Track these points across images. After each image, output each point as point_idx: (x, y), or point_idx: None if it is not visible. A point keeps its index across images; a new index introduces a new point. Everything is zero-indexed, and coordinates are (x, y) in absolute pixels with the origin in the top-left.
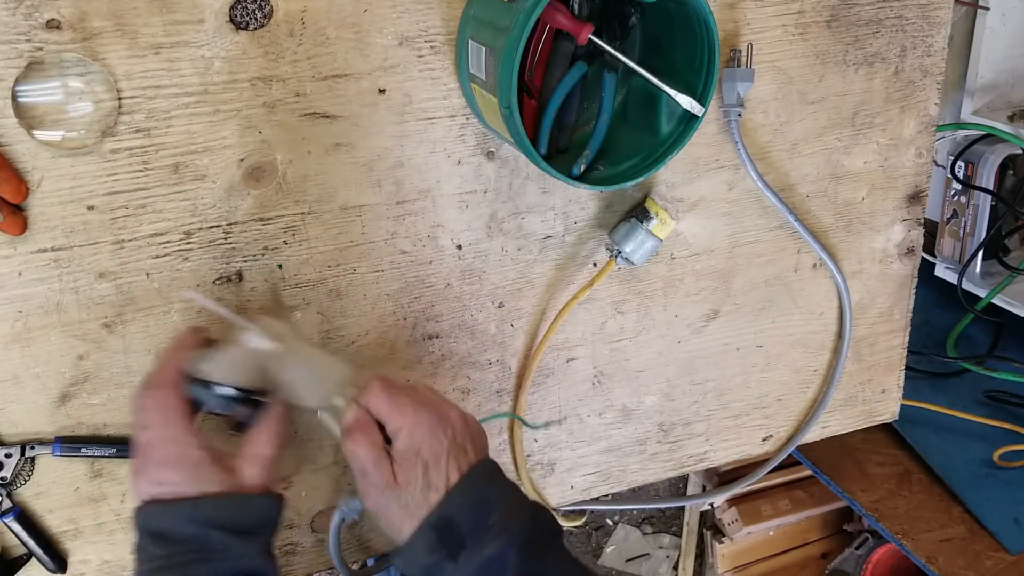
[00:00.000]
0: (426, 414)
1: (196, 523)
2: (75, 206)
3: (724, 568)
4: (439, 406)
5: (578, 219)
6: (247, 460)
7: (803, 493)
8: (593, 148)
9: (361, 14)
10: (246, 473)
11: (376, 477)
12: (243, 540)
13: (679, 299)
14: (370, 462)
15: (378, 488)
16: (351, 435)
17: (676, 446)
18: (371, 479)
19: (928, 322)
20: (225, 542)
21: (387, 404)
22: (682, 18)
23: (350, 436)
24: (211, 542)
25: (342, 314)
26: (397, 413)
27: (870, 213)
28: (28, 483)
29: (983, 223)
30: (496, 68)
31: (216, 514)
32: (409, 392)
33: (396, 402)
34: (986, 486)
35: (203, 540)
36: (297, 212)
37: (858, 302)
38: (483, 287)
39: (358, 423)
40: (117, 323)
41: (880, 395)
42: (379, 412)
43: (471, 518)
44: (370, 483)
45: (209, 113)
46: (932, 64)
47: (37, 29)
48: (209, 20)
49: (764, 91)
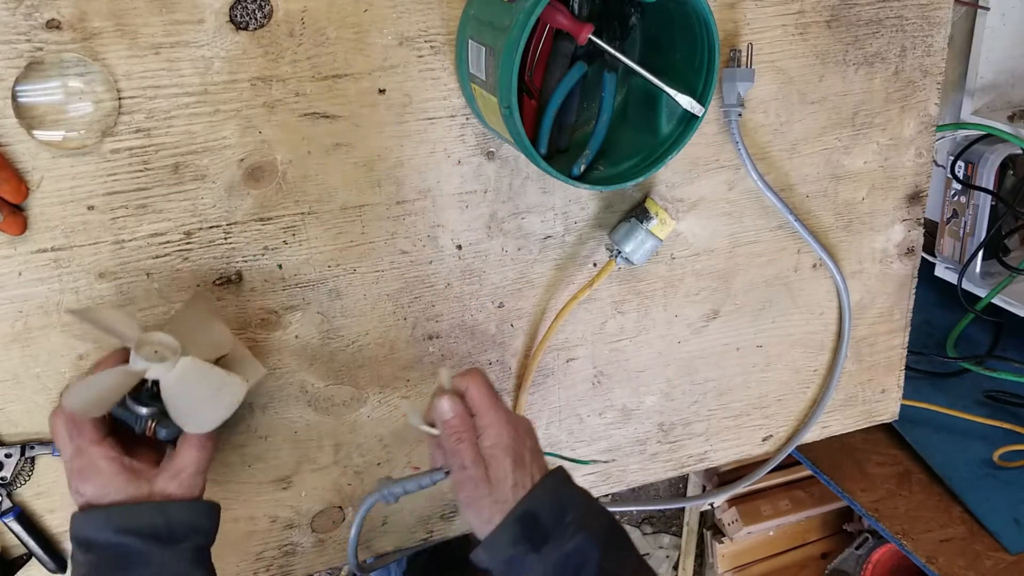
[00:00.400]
0: (513, 416)
1: (111, 529)
2: (75, 206)
3: (724, 568)
4: (516, 414)
5: (578, 219)
6: (165, 470)
7: (803, 493)
8: (593, 148)
9: (361, 14)
10: (166, 483)
11: (474, 471)
12: (164, 546)
13: (679, 299)
14: (471, 458)
15: (474, 481)
16: (454, 429)
17: (676, 446)
18: (469, 472)
19: (928, 322)
20: (143, 549)
21: (488, 401)
22: (682, 18)
23: (453, 430)
24: (128, 548)
25: (342, 314)
26: (493, 410)
27: (870, 213)
28: (28, 483)
29: (983, 223)
30: (496, 68)
31: (129, 520)
32: (501, 403)
33: (494, 401)
34: (986, 486)
35: (120, 547)
36: (297, 212)
37: (858, 302)
38: (483, 287)
39: (462, 419)
40: None
41: (880, 395)
42: (477, 404)
43: (553, 514)
44: (468, 476)
45: (209, 113)
46: (932, 64)
47: (37, 29)
48: (209, 20)
49: (764, 91)
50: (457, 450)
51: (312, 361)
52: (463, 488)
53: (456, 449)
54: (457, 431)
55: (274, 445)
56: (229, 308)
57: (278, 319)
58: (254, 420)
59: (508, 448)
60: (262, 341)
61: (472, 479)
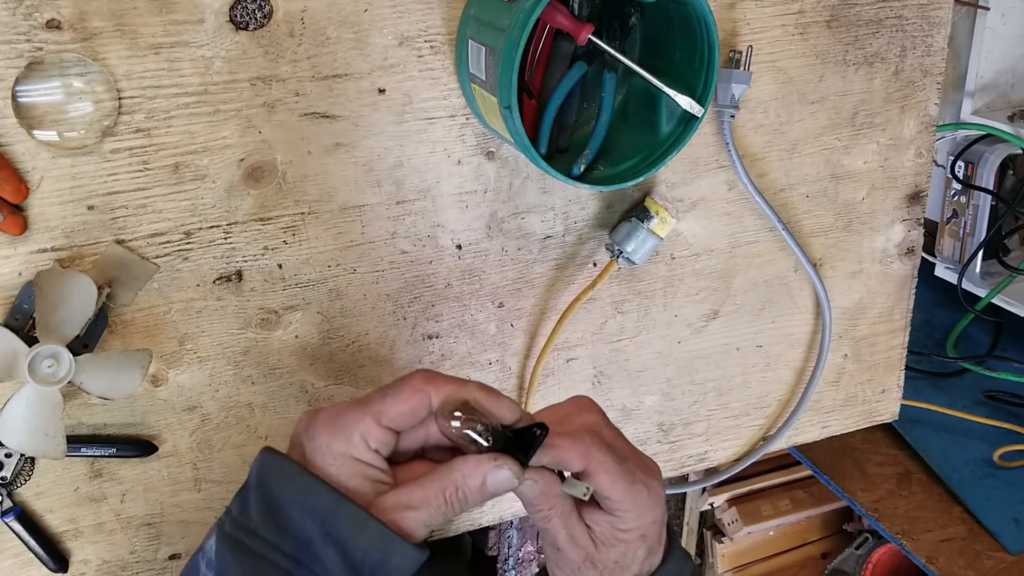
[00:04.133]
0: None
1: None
2: (75, 206)
3: (724, 568)
4: (647, 463)
5: (578, 219)
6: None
7: (803, 493)
8: (593, 148)
9: (361, 14)
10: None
11: (573, 553)
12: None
13: (679, 299)
14: (564, 539)
15: (574, 564)
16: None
17: (676, 446)
18: (566, 555)
19: (928, 322)
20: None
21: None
22: (682, 18)
23: (539, 511)
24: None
25: (342, 314)
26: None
27: (870, 213)
28: (28, 483)
29: (983, 223)
30: (496, 68)
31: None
32: (629, 453)
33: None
34: (986, 486)
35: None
36: (297, 212)
37: (858, 302)
38: (483, 287)
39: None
40: (117, 323)
41: (880, 395)
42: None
43: None
44: (564, 558)
45: (209, 113)
46: (932, 64)
47: (37, 29)
48: (209, 20)
49: (764, 91)
50: (546, 529)
51: (312, 361)
52: (557, 568)
53: (545, 528)
54: (538, 508)
55: (274, 445)
56: (229, 308)
57: (278, 319)
58: (254, 420)
59: (645, 534)
60: (262, 341)
61: (570, 561)
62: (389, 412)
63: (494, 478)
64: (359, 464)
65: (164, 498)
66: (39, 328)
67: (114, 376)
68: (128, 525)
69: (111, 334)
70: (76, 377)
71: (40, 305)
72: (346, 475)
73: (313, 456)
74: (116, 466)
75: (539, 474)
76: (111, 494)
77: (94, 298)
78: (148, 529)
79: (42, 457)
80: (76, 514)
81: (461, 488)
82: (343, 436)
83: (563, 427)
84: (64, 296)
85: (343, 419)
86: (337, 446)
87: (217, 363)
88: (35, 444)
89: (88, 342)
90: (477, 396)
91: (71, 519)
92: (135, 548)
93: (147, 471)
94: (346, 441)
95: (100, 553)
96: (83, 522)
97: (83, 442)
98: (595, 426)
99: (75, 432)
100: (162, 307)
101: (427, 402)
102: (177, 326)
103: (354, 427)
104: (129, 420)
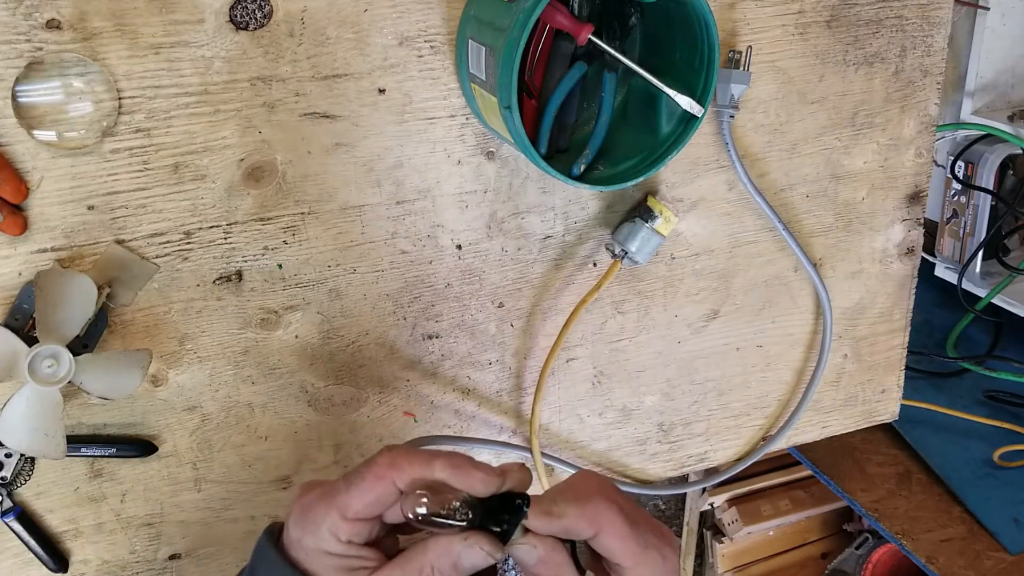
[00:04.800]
0: (669, 552)
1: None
2: (75, 206)
3: (724, 568)
4: (660, 528)
5: (578, 219)
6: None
7: (803, 493)
8: (593, 148)
9: (361, 14)
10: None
11: None
12: None
13: (679, 299)
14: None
15: None
16: None
17: (676, 446)
18: None
19: (928, 322)
20: None
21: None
22: (682, 18)
23: None
24: None
25: (342, 314)
26: (644, 558)
27: (870, 213)
28: (28, 483)
29: (983, 223)
30: (496, 68)
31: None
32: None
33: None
34: (986, 486)
35: None
36: (297, 212)
37: (858, 302)
38: (483, 287)
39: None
40: (117, 323)
41: (880, 395)
42: (618, 555)
43: None
44: None
45: (209, 113)
46: (932, 64)
47: (37, 29)
48: (209, 20)
49: (764, 91)
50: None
51: (312, 361)
52: None
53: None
54: None
55: (274, 445)
56: (229, 308)
57: (278, 319)
58: (254, 420)
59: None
60: (262, 341)
61: None
62: (354, 505)
63: (468, 558)
64: (332, 558)
65: (164, 498)
66: (39, 328)
67: (114, 376)
68: (128, 525)
69: (111, 334)
70: (76, 377)
71: (40, 305)
72: (322, 568)
73: (291, 550)
74: (116, 466)
75: (540, 541)
76: (111, 494)
77: (94, 298)
78: (148, 529)
79: (42, 457)
80: (76, 514)
81: (436, 568)
82: (312, 533)
83: (571, 493)
84: (64, 296)
85: (311, 514)
86: (308, 542)
87: (217, 363)
88: (35, 444)
89: (88, 342)
90: (446, 476)
91: (71, 519)
92: (135, 548)
93: (147, 471)
94: (315, 537)
95: (100, 553)
96: (83, 522)
97: (83, 442)
98: (604, 491)
99: (75, 432)
100: (162, 307)
101: (392, 489)
102: (177, 326)
103: (321, 522)
104: (129, 420)
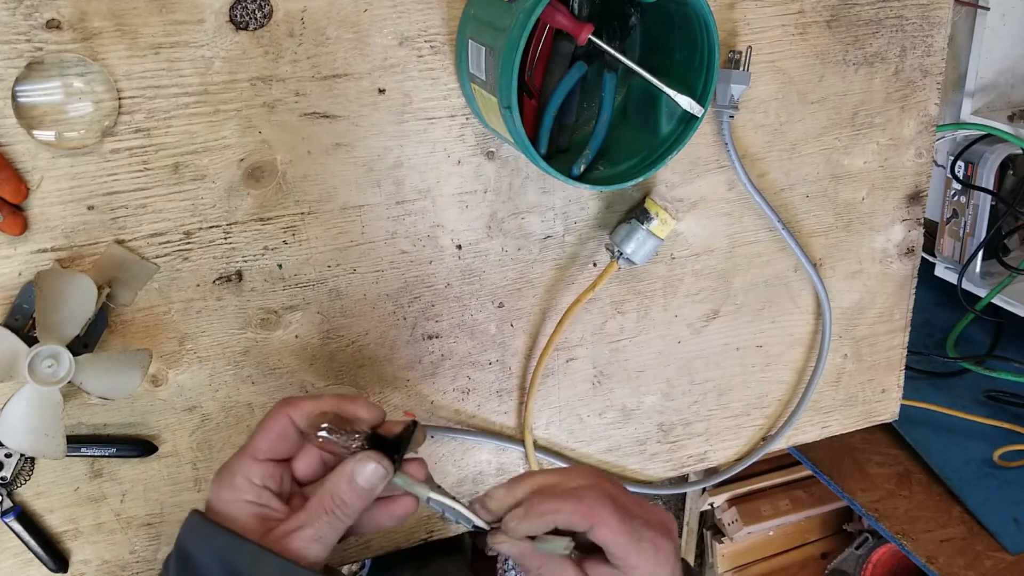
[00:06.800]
0: (664, 542)
1: (214, 556)
2: (75, 206)
3: (724, 568)
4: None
5: (578, 219)
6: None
7: (803, 493)
8: (593, 148)
9: (361, 14)
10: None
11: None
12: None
13: (679, 299)
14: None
15: None
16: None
17: (676, 446)
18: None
19: (928, 322)
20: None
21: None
22: (682, 18)
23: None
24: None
25: (342, 314)
26: (637, 550)
27: (870, 213)
28: (28, 483)
29: (983, 223)
30: (496, 68)
31: (231, 553)
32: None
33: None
34: (986, 486)
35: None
36: (297, 212)
37: (858, 302)
38: (483, 287)
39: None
40: (117, 323)
41: (880, 395)
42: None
43: None
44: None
45: (209, 113)
46: (932, 64)
47: (37, 29)
48: (209, 20)
49: (764, 91)
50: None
51: (312, 361)
52: None
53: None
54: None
55: None
56: (229, 308)
57: (278, 319)
58: (254, 420)
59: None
60: (262, 341)
61: None
62: (261, 445)
63: (361, 473)
64: (248, 504)
65: (164, 498)
66: (39, 328)
67: (114, 376)
68: (128, 525)
69: (111, 334)
70: (76, 377)
71: (40, 305)
72: (242, 517)
73: (214, 507)
74: (116, 466)
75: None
76: (111, 494)
77: (94, 298)
78: (148, 529)
79: (42, 457)
80: (76, 514)
81: (334, 494)
82: (228, 483)
83: (565, 486)
84: (64, 296)
85: (229, 468)
86: (225, 494)
87: (217, 363)
88: (35, 444)
89: (88, 342)
90: (332, 405)
91: (71, 519)
92: (135, 548)
93: (147, 471)
94: (231, 487)
95: (100, 553)
96: (83, 522)
97: (83, 442)
98: (598, 484)
99: (75, 432)
100: (162, 307)
101: (290, 424)
102: (177, 326)
103: (236, 471)
104: (129, 420)
